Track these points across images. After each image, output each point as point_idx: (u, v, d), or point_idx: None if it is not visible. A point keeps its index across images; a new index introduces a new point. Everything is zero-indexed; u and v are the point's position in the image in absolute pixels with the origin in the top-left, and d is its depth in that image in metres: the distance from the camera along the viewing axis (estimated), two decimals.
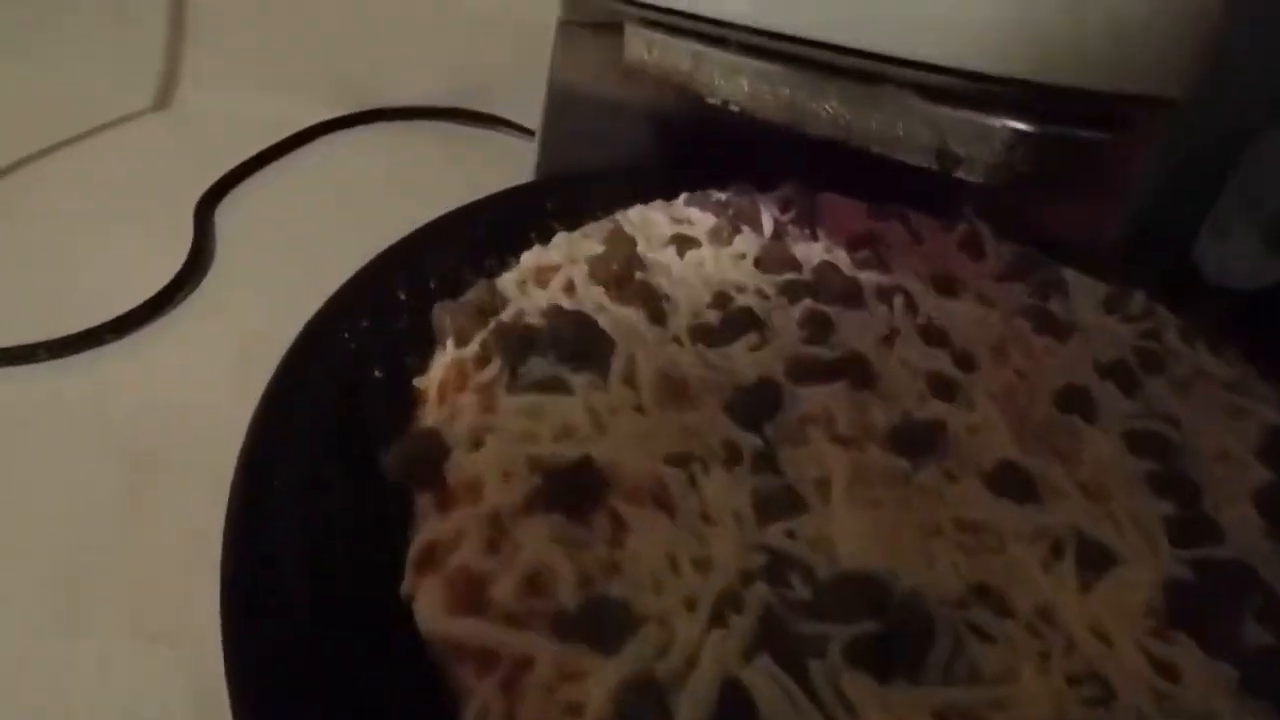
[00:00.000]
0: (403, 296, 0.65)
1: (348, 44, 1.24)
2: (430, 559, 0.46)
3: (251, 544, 0.46)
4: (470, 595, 0.44)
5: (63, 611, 0.53)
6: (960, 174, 0.54)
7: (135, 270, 0.80)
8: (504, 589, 0.44)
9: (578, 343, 0.56)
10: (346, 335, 0.61)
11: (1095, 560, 0.51)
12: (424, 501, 0.49)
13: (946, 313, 0.72)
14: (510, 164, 0.99)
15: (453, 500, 0.49)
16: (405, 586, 0.46)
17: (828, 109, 0.55)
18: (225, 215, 0.94)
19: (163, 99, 1.16)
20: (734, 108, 0.59)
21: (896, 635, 0.44)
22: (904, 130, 0.55)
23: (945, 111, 0.53)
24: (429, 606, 0.44)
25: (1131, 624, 0.48)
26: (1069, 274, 0.81)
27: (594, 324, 0.57)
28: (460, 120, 1.24)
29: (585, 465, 0.48)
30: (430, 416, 0.55)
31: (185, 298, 0.80)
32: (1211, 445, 0.65)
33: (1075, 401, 0.64)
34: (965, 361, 0.66)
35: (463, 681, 0.42)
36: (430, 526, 0.47)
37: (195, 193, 0.94)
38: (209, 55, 1.18)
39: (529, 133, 1.11)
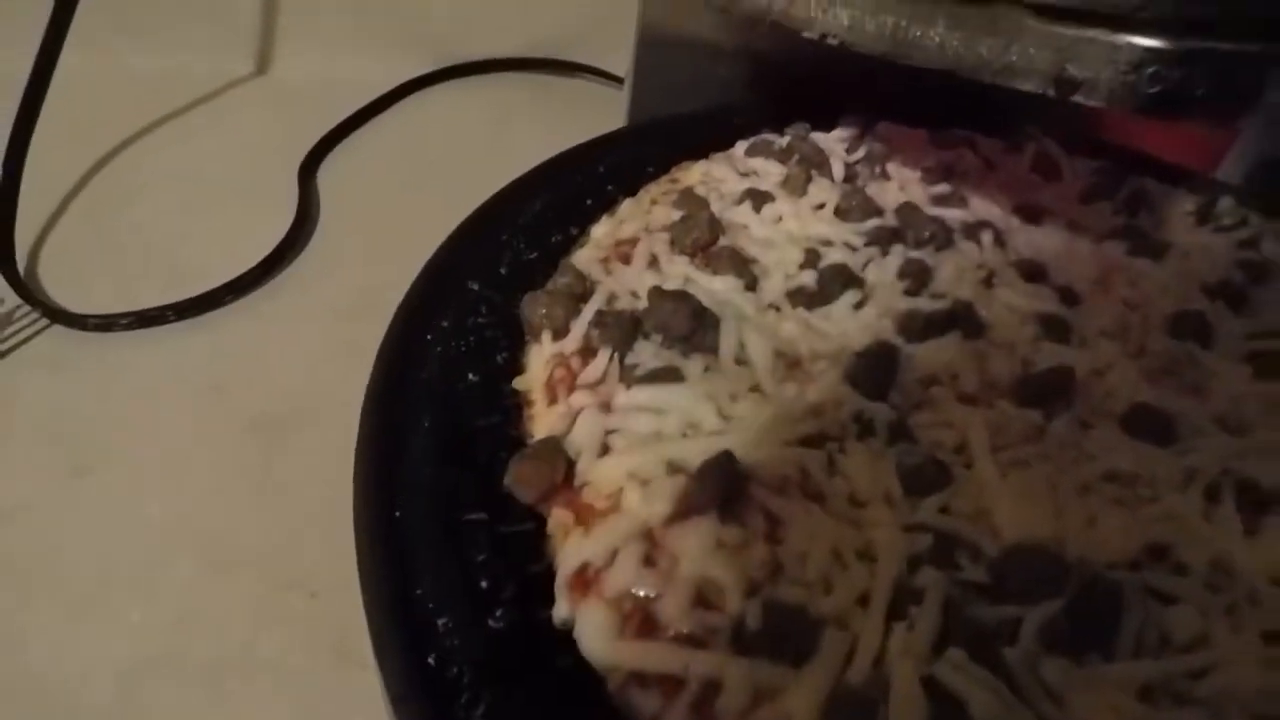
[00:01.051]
0: (475, 287, 0.61)
1: (433, 1, 1.22)
2: (583, 580, 0.44)
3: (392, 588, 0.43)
4: (637, 617, 0.42)
5: (211, 565, 0.58)
6: (1079, 98, 0.50)
7: (246, 235, 0.85)
8: (672, 607, 0.42)
9: (685, 325, 0.53)
10: (430, 338, 0.58)
11: (1256, 498, 0.49)
12: (560, 517, 0.47)
13: (1036, 245, 0.68)
14: (600, 113, 0.99)
15: (591, 514, 0.46)
16: (561, 611, 0.43)
17: (934, 36, 0.51)
18: (326, 177, 0.98)
19: (260, 66, 1.19)
20: (832, 41, 0.54)
21: (1084, 611, 0.42)
22: (1018, 55, 0.50)
23: (1065, 30, 0.49)
24: (594, 632, 0.42)
25: None
26: (1151, 185, 0.77)
27: (697, 303, 0.54)
28: (547, 70, 1.24)
29: (727, 462, 0.46)
30: (541, 421, 0.52)
31: (295, 258, 0.85)
32: None
33: (1189, 328, 0.62)
34: (1069, 296, 0.63)
35: (646, 708, 0.40)
36: (577, 546, 0.45)
37: (297, 157, 0.98)
38: (301, 21, 1.18)
39: (617, 80, 1.12)
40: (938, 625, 0.41)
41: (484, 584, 0.45)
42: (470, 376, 0.56)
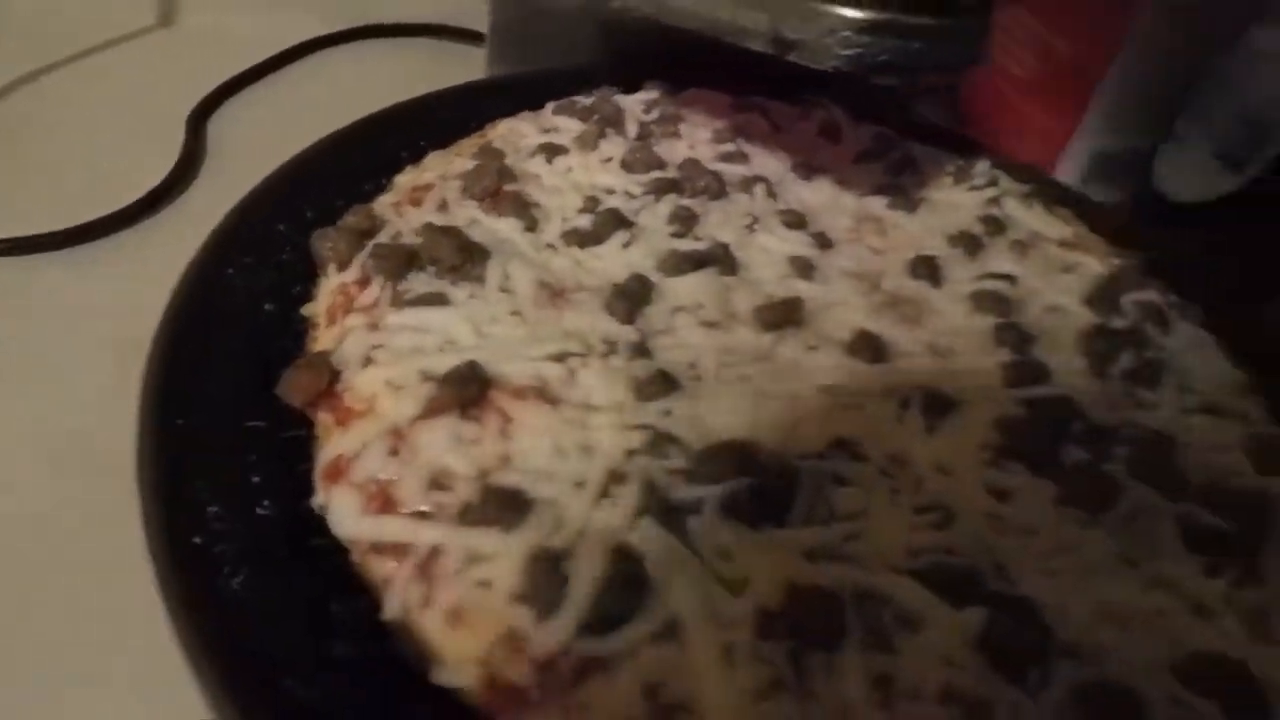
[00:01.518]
0: (282, 229, 0.66)
1: None
2: (336, 469, 0.49)
3: (168, 482, 0.48)
4: (382, 500, 0.48)
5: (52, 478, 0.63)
6: (794, 58, 0.58)
7: (130, 175, 0.88)
8: (408, 489, 0.48)
9: (453, 256, 0.58)
10: (231, 272, 0.62)
11: (938, 407, 0.58)
12: (324, 420, 0.52)
13: (805, 198, 0.76)
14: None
15: (350, 417, 0.51)
16: (318, 498, 0.49)
17: (687, 3, 0.58)
18: (217, 127, 1.01)
19: (165, 17, 1.21)
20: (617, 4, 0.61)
21: (764, 489, 0.49)
22: (745, 19, 0.58)
23: None
24: (342, 511, 0.48)
25: (970, 458, 0.55)
26: (921, 151, 0.86)
27: (466, 238, 0.60)
28: (447, 37, 1.27)
29: (473, 370, 0.52)
30: (321, 341, 0.57)
31: (175, 199, 0.89)
32: (1044, 298, 0.72)
33: (924, 270, 0.70)
34: (823, 242, 0.71)
35: (382, 574, 0.46)
36: (335, 442, 0.50)
37: (190, 106, 1.01)
38: None
39: None
40: (638, 502, 0.48)
41: (255, 479, 0.50)
42: (267, 306, 0.61)
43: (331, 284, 0.60)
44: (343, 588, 0.46)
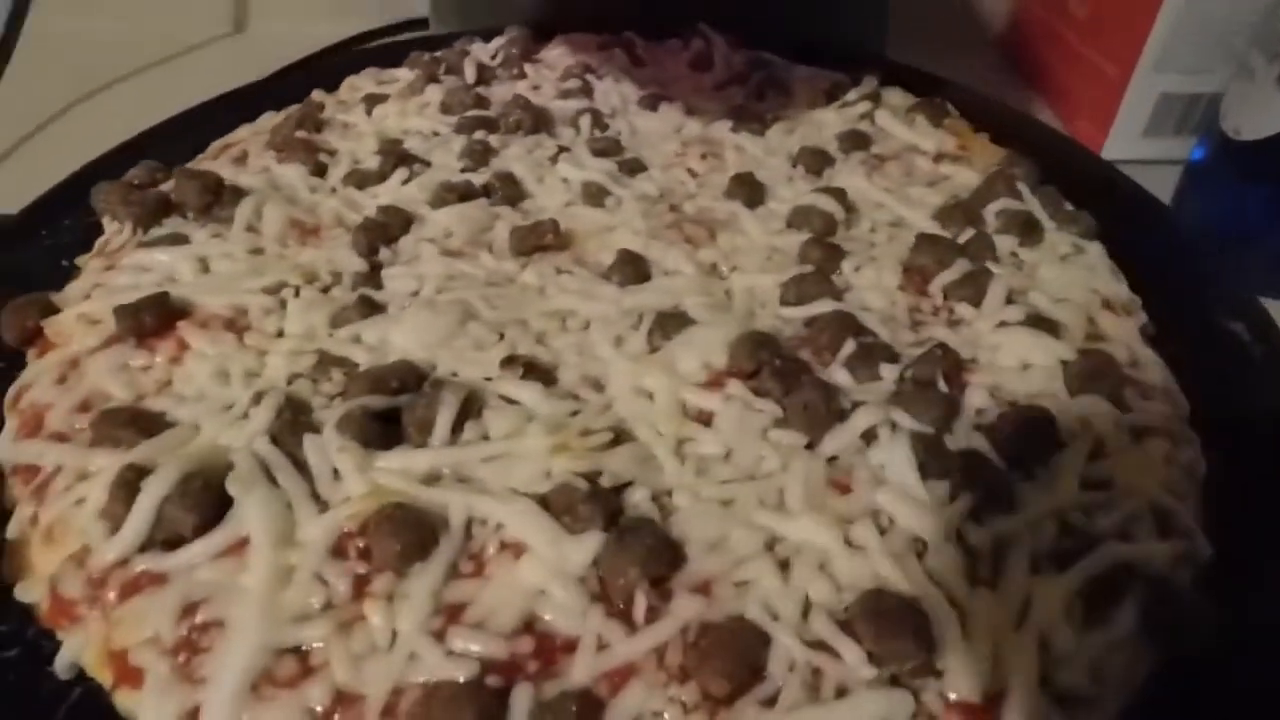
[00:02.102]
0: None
1: None
2: (16, 399, 0.51)
3: None
4: (33, 424, 0.48)
5: None
6: None
7: None
8: (57, 413, 0.48)
9: (198, 199, 0.59)
10: (44, 233, 0.65)
11: (669, 328, 0.52)
12: (31, 356, 0.54)
13: (639, 127, 0.71)
14: None
15: (48, 350, 0.53)
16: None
17: None
18: None
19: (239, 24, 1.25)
20: None
21: (406, 409, 0.46)
22: None
23: None
24: (3, 440, 0.49)
25: (677, 381, 0.48)
26: (805, 73, 0.78)
27: (219, 182, 0.60)
28: None
29: (158, 301, 0.52)
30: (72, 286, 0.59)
31: None
32: (884, 214, 0.63)
33: (740, 190, 0.64)
34: (633, 168, 0.66)
35: (13, 497, 0.47)
36: (23, 374, 0.52)
37: None
38: None
39: None
40: (272, 422, 0.45)
41: None
42: (64, 262, 0.64)
43: (101, 239, 0.61)
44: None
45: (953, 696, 0.38)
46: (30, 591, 0.42)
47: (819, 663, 0.37)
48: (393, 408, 0.46)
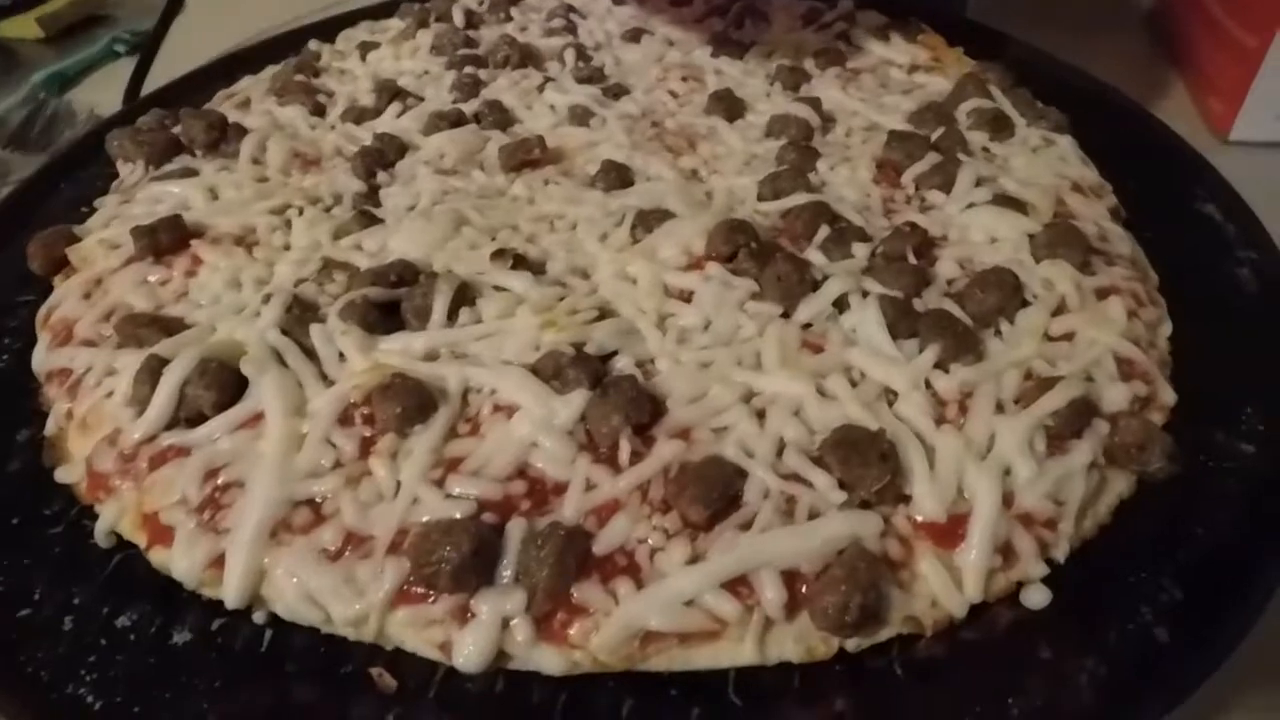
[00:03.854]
0: (115, 143, 0.72)
1: None
2: (46, 318, 0.54)
3: None
4: (63, 335, 0.52)
5: None
6: None
7: None
8: (84, 323, 0.52)
9: (205, 135, 0.62)
10: (62, 186, 0.69)
11: (650, 222, 0.54)
12: (57, 281, 0.57)
13: (622, 58, 0.74)
14: None
15: (74, 274, 0.56)
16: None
17: None
18: None
19: None
20: None
21: (405, 299, 0.49)
22: None
23: None
24: (38, 350, 0.53)
25: (658, 266, 0.51)
26: (781, 1, 0.80)
27: (223, 120, 0.64)
28: None
29: (170, 222, 0.55)
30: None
31: None
32: (859, 120, 0.66)
33: (719, 106, 0.66)
34: (616, 92, 0.69)
35: (50, 398, 0.50)
36: (54, 294, 0.55)
37: None
38: None
39: None
40: (280, 318, 0.49)
41: (6, 339, 0.56)
42: (83, 209, 0.67)
43: (122, 175, 0.65)
44: (33, 419, 0.51)
45: (919, 518, 0.41)
46: (69, 473, 0.46)
47: (792, 490, 0.40)
48: (392, 300, 0.49)
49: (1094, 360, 0.46)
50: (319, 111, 0.69)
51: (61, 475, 0.46)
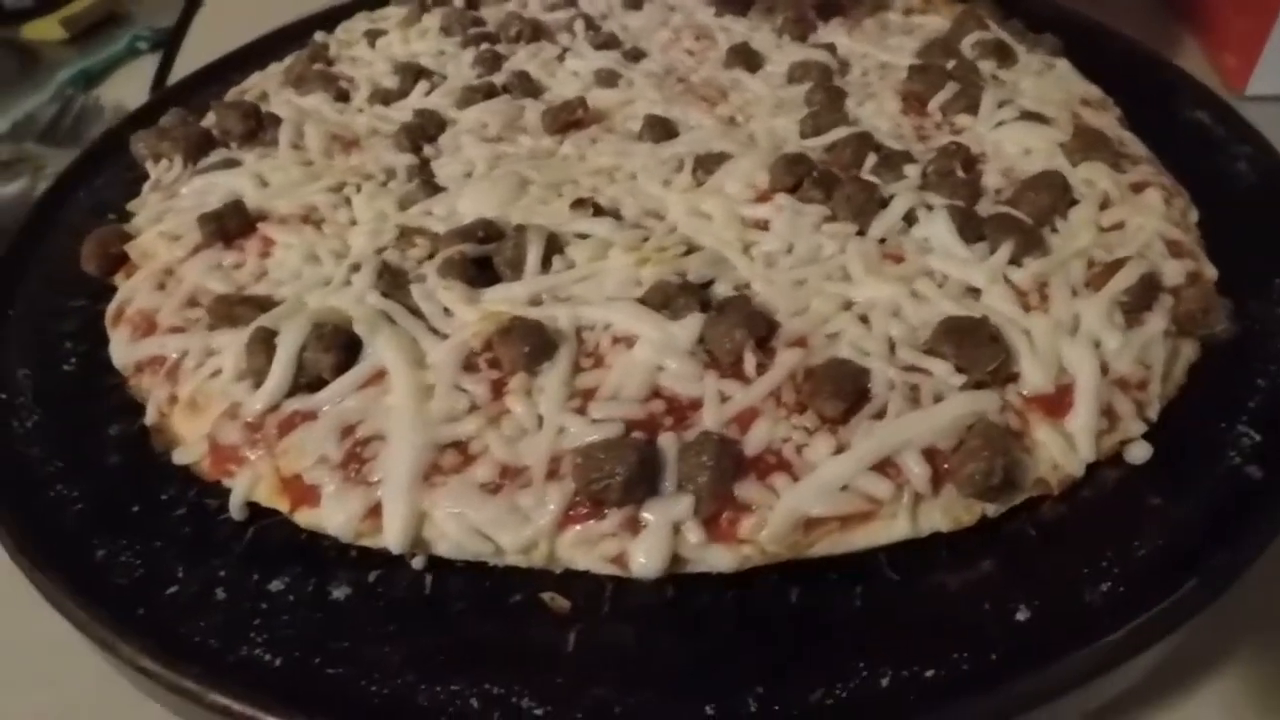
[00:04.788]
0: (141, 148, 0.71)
1: None
2: (118, 314, 0.54)
3: None
4: (145, 326, 0.52)
5: None
6: None
7: None
8: (166, 312, 0.51)
9: (241, 125, 0.62)
10: (82, 195, 0.68)
11: (710, 164, 0.57)
12: (118, 279, 0.57)
13: (629, 24, 0.76)
14: None
15: (135, 270, 0.56)
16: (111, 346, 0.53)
17: None
18: None
19: None
20: None
21: (496, 253, 0.50)
22: None
23: None
24: (117, 344, 0.52)
25: (730, 201, 0.54)
26: None
27: (257, 109, 0.64)
28: None
29: (235, 207, 0.55)
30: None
31: None
32: (871, 60, 0.69)
33: (738, 59, 0.69)
34: (635, 55, 0.71)
35: (144, 388, 0.50)
36: (119, 292, 0.55)
37: None
38: None
39: None
40: (372, 283, 0.50)
41: (67, 345, 0.55)
42: (109, 215, 0.66)
43: (151, 179, 0.64)
44: (121, 413, 0.50)
45: (1026, 392, 0.44)
46: (187, 454, 0.46)
47: (914, 380, 0.43)
48: (484, 255, 0.51)
49: (1145, 243, 0.51)
50: (342, 97, 0.69)
51: (179, 457, 0.46)
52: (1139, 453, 0.44)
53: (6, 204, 0.78)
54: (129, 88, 0.94)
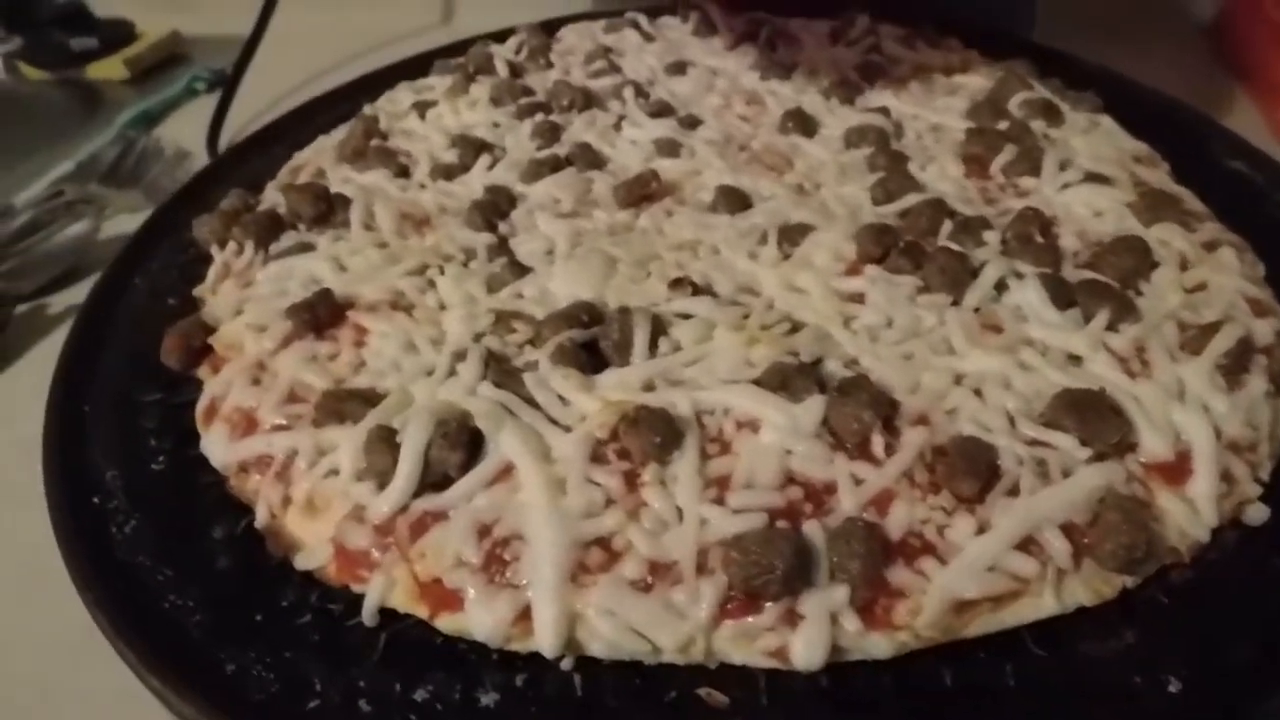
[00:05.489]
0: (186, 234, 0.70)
1: None
2: (211, 410, 0.53)
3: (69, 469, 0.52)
4: (245, 424, 0.51)
5: None
6: None
7: None
8: (267, 409, 0.51)
9: (312, 208, 0.62)
10: (138, 281, 0.67)
11: (794, 236, 0.58)
12: (204, 374, 0.56)
13: (676, 90, 0.77)
14: None
15: (222, 364, 0.55)
16: (202, 443, 0.52)
17: None
18: None
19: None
20: None
21: (602, 338, 0.51)
22: None
23: None
24: (215, 443, 0.51)
25: (822, 274, 0.55)
26: (799, 24, 0.85)
27: (327, 191, 0.63)
28: None
29: (323, 296, 0.55)
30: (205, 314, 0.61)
31: None
32: (923, 122, 0.71)
33: (794, 124, 0.70)
34: (690, 122, 0.72)
35: (249, 489, 0.49)
36: (207, 389, 0.54)
37: None
38: None
39: None
40: (480, 373, 0.49)
41: (152, 442, 0.54)
42: (170, 301, 0.65)
43: (216, 263, 0.64)
44: (223, 514, 0.49)
45: (1145, 459, 0.45)
46: (309, 559, 0.45)
47: (1040, 455, 0.44)
48: (589, 340, 0.51)
49: (1230, 303, 0.52)
50: (402, 173, 0.69)
51: (303, 562, 0.45)
52: (1256, 514, 0.45)
53: (72, 244, 0.80)
54: (188, 129, 0.98)
